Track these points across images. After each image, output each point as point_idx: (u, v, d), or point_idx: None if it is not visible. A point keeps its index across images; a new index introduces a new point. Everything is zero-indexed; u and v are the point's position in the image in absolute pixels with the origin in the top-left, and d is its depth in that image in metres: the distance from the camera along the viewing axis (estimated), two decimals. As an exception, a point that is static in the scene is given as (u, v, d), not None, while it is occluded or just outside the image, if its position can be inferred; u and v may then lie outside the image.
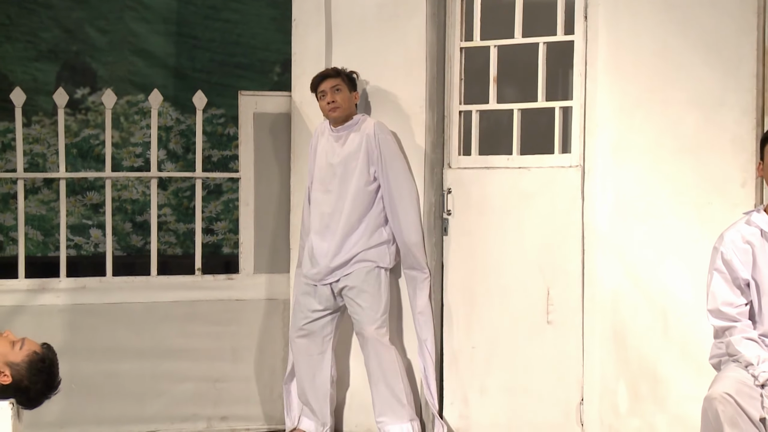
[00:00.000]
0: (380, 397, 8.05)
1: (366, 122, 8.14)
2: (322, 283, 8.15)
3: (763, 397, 5.46)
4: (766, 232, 5.69)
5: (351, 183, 8.08)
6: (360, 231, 8.11)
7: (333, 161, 8.14)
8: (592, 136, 7.80)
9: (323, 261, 8.11)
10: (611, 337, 7.73)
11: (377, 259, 8.11)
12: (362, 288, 8.07)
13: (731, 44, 7.41)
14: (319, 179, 8.20)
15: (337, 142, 8.16)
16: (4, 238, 9.61)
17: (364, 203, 8.11)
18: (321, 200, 8.17)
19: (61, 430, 8.10)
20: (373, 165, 8.08)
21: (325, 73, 8.16)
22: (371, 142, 8.06)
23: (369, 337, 8.04)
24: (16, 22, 9.91)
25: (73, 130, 9.87)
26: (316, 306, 8.19)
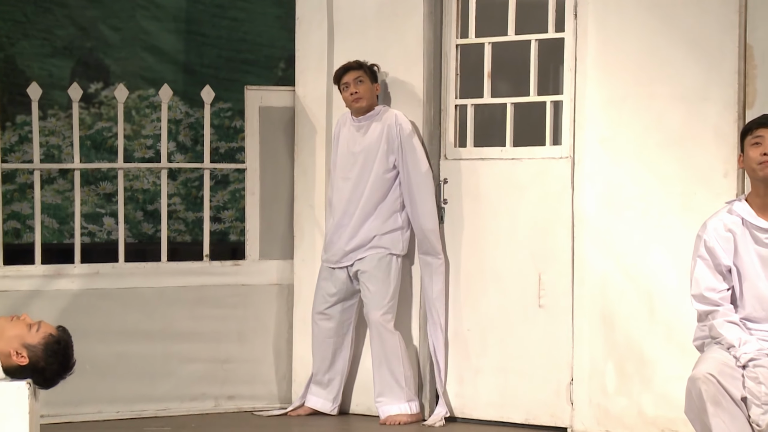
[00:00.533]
0: (381, 378, 8.05)
1: (387, 113, 8.13)
2: (338, 266, 8.17)
3: (744, 377, 5.46)
4: (747, 221, 5.69)
5: (371, 171, 8.09)
6: (375, 216, 8.12)
7: (354, 150, 8.15)
8: (582, 129, 7.80)
9: (339, 244, 8.14)
10: (600, 320, 7.73)
11: (390, 245, 8.11)
12: (373, 273, 8.08)
13: (714, 41, 7.40)
14: (340, 167, 8.21)
15: (359, 131, 8.16)
16: (22, 226, 9.61)
17: (381, 190, 8.12)
18: (340, 187, 8.18)
19: (75, 409, 8.10)
20: (393, 154, 8.08)
21: (347, 66, 8.15)
22: (392, 131, 8.07)
23: (374, 322, 8.05)
24: (33, 20, 9.90)
25: (87, 123, 9.86)
26: (333, 290, 8.21)
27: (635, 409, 7.60)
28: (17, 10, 9.86)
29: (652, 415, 7.55)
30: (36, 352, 5.66)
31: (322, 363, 8.26)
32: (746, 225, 5.69)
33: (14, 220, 9.56)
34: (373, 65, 8.21)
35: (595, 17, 7.73)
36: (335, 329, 8.23)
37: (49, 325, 5.74)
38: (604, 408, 7.71)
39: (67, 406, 7.98)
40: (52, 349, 5.69)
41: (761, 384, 5.43)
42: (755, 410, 5.41)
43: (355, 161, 8.14)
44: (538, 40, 8.08)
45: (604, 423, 7.71)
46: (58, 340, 5.71)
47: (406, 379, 8.04)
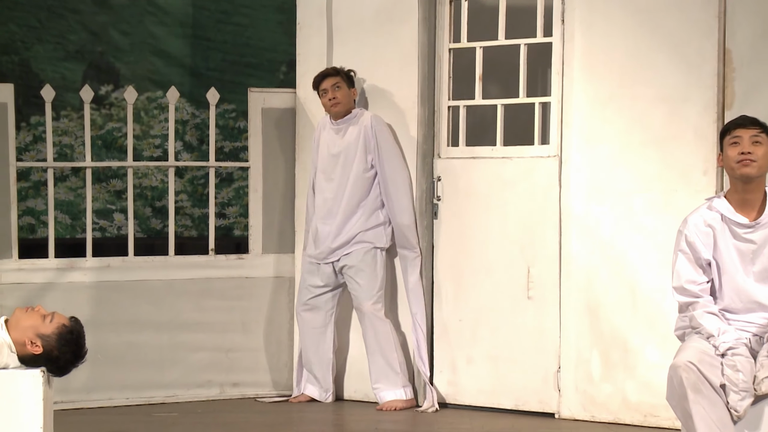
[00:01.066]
0: (376, 366, 8.08)
1: (363, 115, 8.18)
2: (324, 262, 8.20)
3: (723, 365, 5.46)
4: (726, 217, 5.69)
5: (351, 171, 8.13)
6: (359, 214, 8.14)
7: (334, 152, 8.18)
8: (569, 129, 7.80)
9: (326, 242, 8.16)
10: (585, 311, 7.73)
11: (374, 240, 8.14)
12: (360, 267, 8.10)
13: (694, 45, 7.41)
14: (322, 169, 8.23)
15: (338, 134, 8.19)
16: (36, 221, 9.61)
17: (363, 189, 8.15)
18: (324, 187, 8.21)
19: (87, 396, 8.10)
20: (370, 153, 8.12)
21: (325, 73, 8.19)
22: (368, 133, 8.10)
23: (366, 312, 8.07)
24: (46, 25, 9.90)
25: (98, 124, 9.86)
26: (319, 283, 8.23)
27: (619, 396, 7.61)
28: (31, 16, 9.86)
29: (635, 401, 7.55)
30: (50, 342, 5.67)
31: (312, 355, 8.28)
32: (725, 221, 5.69)
33: (29, 216, 9.57)
34: (350, 71, 8.25)
35: (582, 22, 7.73)
36: (320, 319, 8.25)
37: (62, 316, 5.75)
38: (589, 395, 7.72)
39: (80, 393, 7.98)
40: (65, 339, 5.69)
41: (739, 372, 5.43)
42: (733, 397, 5.42)
43: (336, 162, 8.18)
44: (527, 44, 8.08)
45: (589, 409, 7.72)
46: (70, 330, 5.71)
47: (400, 364, 8.07)
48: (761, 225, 5.66)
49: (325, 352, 8.28)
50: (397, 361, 8.07)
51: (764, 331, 5.57)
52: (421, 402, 8.14)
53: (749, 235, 5.66)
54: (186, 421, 7.82)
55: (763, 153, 5.65)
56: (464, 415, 7.97)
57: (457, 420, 7.81)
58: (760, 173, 5.66)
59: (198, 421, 7.79)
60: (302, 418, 8.02)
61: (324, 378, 8.28)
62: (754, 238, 5.66)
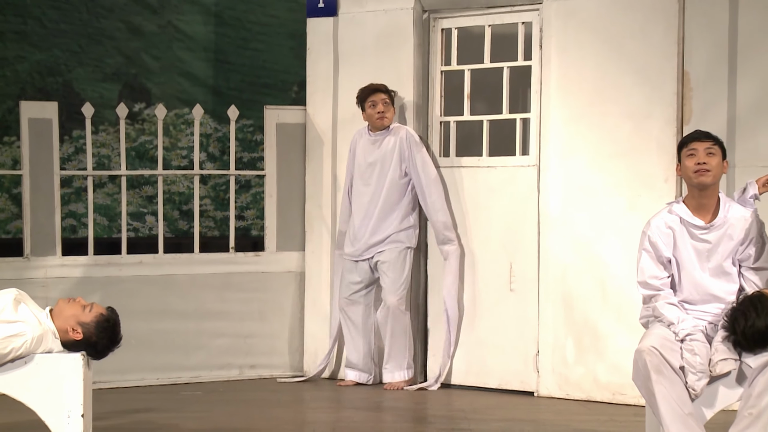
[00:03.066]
0: (391, 349, 8.03)
1: (399, 128, 8.09)
2: (361, 259, 8.13)
3: (682, 349, 5.46)
4: (684, 220, 5.68)
5: (386, 177, 8.05)
6: (393, 216, 8.07)
7: (370, 160, 8.11)
8: (546, 142, 7.80)
9: (362, 240, 8.09)
10: (561, 302, 7.73)
11: (406, 240, 8.07)
12: (391, 263, 8.03)
13: (656, 68, 7.40)
14: (359, 175, 8.16)
15: (373, 144, 8.12)
16: (77, 223, 9.61)
17: (397, 193, 8.07)
18: (362, 191, 8.14)
19: (122, 376, 8.09)
20: (404, 162, 8.04)
21: (375, 87, 8.10)
22: (404, 144, 8.03)
23: (390, 305, 8.01)
24: (86, 50, 9.89)
25: (132, 137, 9.86)
26: (357, 279, 8.16)
27: (591, 377, 7.60)
28: (73, 42, 9.86)
29: (605, 381, 7.55)
30: (89, 329, 5.67)
31: (356, 344, 8.18)
32: (684, 223, 5.69)
33: (71, 218, 9.56)
34: (393, 92, 8.15)
35: (557, 48, 7.73)
36: (360, 312, 8.18)
37: (100, 306, 5.75)
38: (564, 376, 7.71)
39: (115, 374, 7.98)
40: (102, 327, 5.69)
41: (696, 355, 5.43)
42: (691, 377, 5.41)
43: (373, 170, 8.10)
44: (509, 67, 8.08)
45: (564, 388, 7.71)
46: (107, 318, 5.72)
47: (409, 350, 8.04)
48: (715, 227, 5.65)
49: (366, 341, 8.19)
50: (406, 348, 8.03)
51: (718, 320, 5.56)
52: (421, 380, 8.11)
53: (705, 236, 5.66)
54: (209, 399, 7.81)
55: (717, 163, 5.65)
56: (454, 393, 7.97)
57: (449, 398, 7.81)
58: (714, 181, 5.65)
59: (219, 399, 7.78)
60: (314, 396, 8.01)
61: (366, 364, 8.19)
62: (710, 239, 5.65)
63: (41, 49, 9.79)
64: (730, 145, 6.70)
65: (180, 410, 7.34)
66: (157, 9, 10.11)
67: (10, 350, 5.53)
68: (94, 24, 9.93)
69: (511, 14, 8.01)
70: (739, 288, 5.65)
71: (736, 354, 5.45)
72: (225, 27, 10.28)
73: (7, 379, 5.56)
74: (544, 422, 7.00)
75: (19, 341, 5.54)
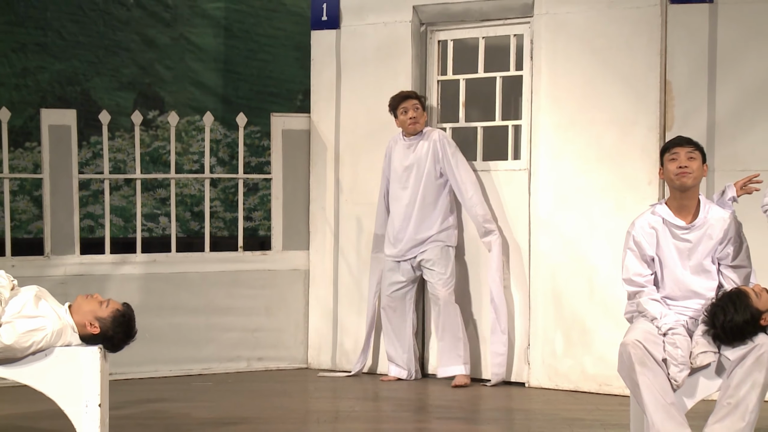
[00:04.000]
0: (445, 344, 7.88)
1: (432, 132, 7.98)
2: (403, 259, 8.00)
3: (664, 343, 5.46)
4: (667, 220, 5.69)
5: (422, 179, 7.92)
6: (433, 218, 7.94)
7: (406, 164, 7.98)
8: (537, 147, 7.80)
9: (404, 241, 7.96)
10: (551, 298, 7.73)
11: (446, 239, 7.94)
12: (436, 261, 7.89)
13: (641, 78, 7.41)
14: (396, 179, 8.03)
15: (408, 149, 7.99)
16: (95, 223, 9.60)
17: (434, 194, 7.94)
18: (400, 195, 8.01)
19: (137, 368, 8.10)
20: (439, 164, 7.91)
21: (406, 94, 7.98)
22: (437, 146, 7.89)
23: (442, 297, 7.86)
24: (104, 61, 9.89)
25: (146, 142, 9.86)
26: (400, 278, 8.03)
27: (579, 369, 7.61)
28: (91, 54, 9.86)
29: (592, 373, 7.55)
30: (106, 324, 5.67)
31: (395, 340, 8.07)
32: (666, 224, 5.69)
33: (89, 219, 9.56)
34: (423, 97, 8.05)
35: (547, 59, 7.74)
36: (402, 309, 8.06)
37: (117, 302, 5.75)
38: (554, 367, 7.71)
39: (131, 366, 7.98)
40: (118, 321, 5.69)
41: (678, 348, 5.43)
42: (673, 369, 5.41)
43: (410, 173, 7.96)
44: (501, 76, 8.08)
45: (554, 379, 7.71)
46: (123, 313, 5.72)
47: (464, 344, 7.87)
48: (696, 227, 5.66)
49: (407, 337, 8.07)
50: (461, 341, 7.86)
51: (699, 315, 5.56)
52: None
53: (686, 236, 5.66)
54: (219, 389, 7.81)
55: (697, 166, 5.65)
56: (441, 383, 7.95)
57: (445, 388, 7.80)
58: (694, 183, 5.66)
59: (229, 389, 7.78)
60: (316, 387, 8.00)
61: (408, 360, 8.06)
62: (690, 238, 5.65)
63: (61, 60, 9.79)
64: (709, 150, 6.71)
65: (191, 400, 7.34)
66: (170, 22, 10.10)
67: (31, 343, 5.53)
68: (110, 36, 9.93)
69: (504, 27, 8.02)
70: (718, 285, 5.65)
71: (716, 347, 5.46)
72: (234, 39, 10.28)
73: (28, 370, 5.57)
74: (534, 411, 7.00)
75: (40, 335, 5.54)
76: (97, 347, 5.64)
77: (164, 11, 10.10)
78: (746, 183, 5.88)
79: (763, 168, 6.53)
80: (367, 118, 8.43)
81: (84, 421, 5.59)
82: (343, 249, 8.55)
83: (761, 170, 6.21)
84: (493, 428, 6.52)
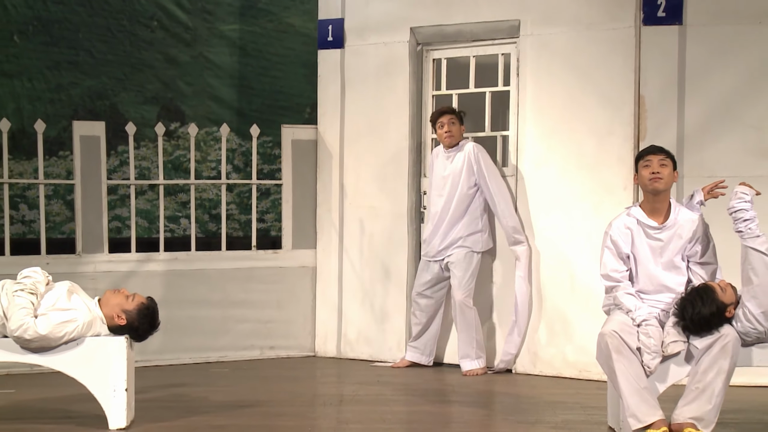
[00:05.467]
0: (462, 342, 7.80)
1: (467, 144, 7.85)
2: (433, 260, 7.91)
3: (638, 333, 5.46)
4: (641, 221, 5.69)
5: (457, 189, 7.80)
6: (461, 223, 7.81)
7: (444, 174, 7.86)
8: (523, 155, 7.80)
9: (434, 243, 7.88)
10: (535, 292, 7.72)
11: (472, 245, 7.79)
12: (459, 265, 7.79)
13: (617, 92, 7.41)
14: (434, 186, 7.93)
15: (447, 159, 7.87)
16: (122, 225, 9.60)
17: (465, 203, 7.81)
18: (436, 201, 7.91)
19: (160, 356, 8.09)
20: (473, 175, 7.78)
21: (443, 110, 7.88)
22: (471, 158, 7.76)
23: (458, 300, 7.78)
24: (130, 77, 9.89)
25: (168, 151, 9.86)
26: (428, 277, 7.94)
27: (561, 356, 7.60)
28: (119, 71, 9.87)
29: (572, 360, 7.54)
30: (132, 316, 5.68)
31: (419, 329, 8.00)
32: (640, 224, 5.69)
33: (116, 221, 9.56)
34: (461, 111, 7.91)
35: (532, 75, 7.74)
36: (431, 305, 7.96)
37: (141, 296, 5.76)
38: (538, 355, 7.71)
39: (154, 354, 7.98)
40: (143, 314, 5.70)
41: (651, 338, 5.43)
42: (646, 357, 5.41)
43: (446, 182, 7.84)
44: (490, 91, 8.08)
45: (538, 366, 7.71)
46: (147, 306, 5.72)
47: (477, 342, 7.76)
48: (667, 227, 5.66)
49: (433, 329, 7.99)
50: (475, 339, 7.74)
51: (670, 307, 5.56)
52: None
53: (658, 235, 5.66)
54: (234, 375, 7.80)
55: (668, 172, 5.66)
56: (447, 371, 7.96)
57: (441, 375, 7.80)
58: (666, 187, 5.66)
59: (243, 375, 7.78)
60: (323, 373, 8.00)
61: (430, 347, 7.98)
62: (662, 237, 5.66)
63: (91, 77, 9.79)
64: (679, 158, 6.71)
65: (210, 385, 7.33)
66: (190, 42, 10.11)
67: (64, 334, 5.54)
68: (136, 55, 9.93)
69: (493, 47, 8.02)
70: (687, 280, 5.66)
71: (685, 337, 5.46)
72: (248, 58, 10.28)
73: (61, 358, 5.57)
74: (520, 395, 6.99)
75: (72, 326, 5.55)
76: (123, 337, 5.64)
77: (185, 32, 10.10)
78: (713, 188, 5.89)
79: (728, 174, 6.53)
80: (369, 129, 8.43)
81: (112, 404, 5.60)
82: (347, 248, 8.54)
83: (726, 176, 6.20)
84: (484, 411, 6.51)
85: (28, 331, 5.45)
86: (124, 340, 5.63)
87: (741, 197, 5.47)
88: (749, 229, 5.42)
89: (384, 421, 6.03)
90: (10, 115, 8.68)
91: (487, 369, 7.81)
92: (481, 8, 7.92)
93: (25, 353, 5.54)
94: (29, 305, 5.48)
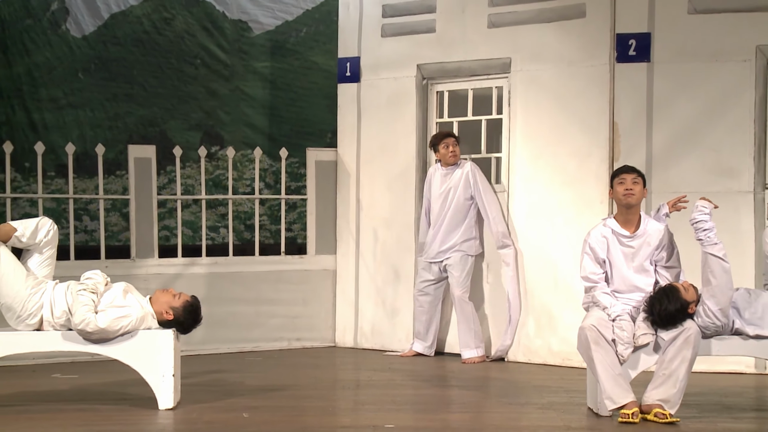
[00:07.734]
0: (462, 333, 7.77)
1: (465, 163, 7.85)
2: (433, 262, 7.88)
3: (613, 326, 5.45)
4: (615, 231, 5.68)
5: (453, 201, 7.80)
6: (458, 231, 7.79)
7: (442, 189, 7.85)
8: (514, 174, 7.79)
9: (434, 248, 7.85)
10: (524, 291, 7.71)
11: (467, 249, 7.78)
12: (456, 266, 7.77)
13: (594, 119, 7.41)
14: (434, 199, 7.89)
15: (445, 176, 7.86)
16: (169, 234, 9.61)
17: (461, 214, 7.79)
18: (436, 212, 7.89)
19: (202, 346, 8.09)
20: (470, 189, 7.77)
21: (446, 133, 7.87)
22: (469, 175, 7.77)
23: (457, 296, 7.76)
24: (177, 108, 9.93)
25: (209, 171, 9.88)
26: (430, 277, 7.91)
27: (546, 347, 7.58)
28: (167, 102, 9.91)
29: (557, 350, 7.53)
30: (178, 312, 5.69)
31: (422, 324, 7.95)
32: (615, 234, 5.69)
33: (165, 230, 9.58)
34: (457, 136, 7.91)
35: (521, 105, 7.74)
36: (431, 301, 7.92)
37: (187, 295, 5.77)
38: (527, 346, 7.69)
39: (197, 345, 7.98)
40: (188, 310, 5.71)
41: (624, 331, 5.43)
42: (620, 347, 5.41)
43: (446, 195, 7.83)
44: (486, 119, 8.08)
45: (527, 355, 7.69)
46: (192, 304, 5.73)
47: (476, 333, 7.72)
48: (638, 236, 5.66)
49: (434, 322, 7.95)
50: (473, 330, 7.70)
51: (640, 305, 5.56)
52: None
53: (630, 243, 5.66)
54: (266, 362, 7.80)
55: (639, 189, 5.67)
56: (448, 359, 7.94)
57: (442, 363, 7.78)
58: (637, 202, 5.67)
59: (274, 363, 7.78)
60: (343, 362, 7.99)
61: (431, 339, 7.94)
62: (633, 245, 5.66)
63: (144, 107, 9.83)
64: (648, 176, 6.69)
65: (244, 371, 7.34)
66: (228, 77, 10.15)
67: (120, 327, 5.56)
68: (182, 89, 9.97)
69: (488, 81, 8.03)
70: (655, 281, 5.65)
71: (653, 330, 5.45)
72: (278, 90, 10.31)
73: (118, 348, 5.59)
74: (512, 380, 6.98)
75: (126, 321, 5.56)
76: (171, 330, 5.65)
77: (224, 69, 10.14)
78: (676, 202, 5.88)
79: (690, 190, 6.52)
80: (381, 151, 8.44)
81: (161, 387, 5.61)
82: (363, 253, 8.54)
83: (688, 192, 6.20)
84: (480, 393, 6.50)
85: (90, 325, 5.47)
86: (171, 332, 5.64)
87: (701, 210, 5.48)
88: (708, 237, 5.42)
89: (394, 402, 6.03)
90: (75, 140, 8.72)
91: (485, 357, 7.78)
92: (477, 48, 7.93)
93: (87, 344, 5.55)
94: (90, 303, 5.50)
